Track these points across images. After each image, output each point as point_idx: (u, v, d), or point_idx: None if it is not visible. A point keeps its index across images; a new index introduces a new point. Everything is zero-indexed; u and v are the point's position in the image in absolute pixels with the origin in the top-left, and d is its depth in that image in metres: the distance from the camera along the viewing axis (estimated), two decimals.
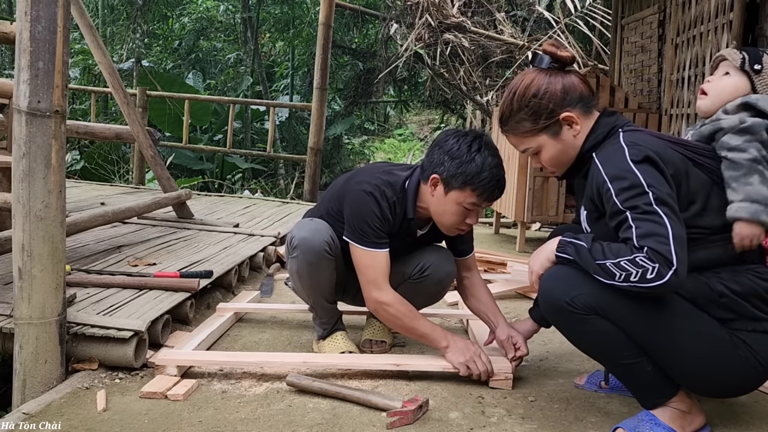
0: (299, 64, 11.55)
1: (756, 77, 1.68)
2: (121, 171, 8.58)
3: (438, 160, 1.93)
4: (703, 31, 4.25)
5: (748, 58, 1.69)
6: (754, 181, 1.51)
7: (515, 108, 1.67)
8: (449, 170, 1.90)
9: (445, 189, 1.93)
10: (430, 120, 15.53)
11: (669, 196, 1.46)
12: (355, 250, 1.99)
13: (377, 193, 1.97)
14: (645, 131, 1.63)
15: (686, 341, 1.52)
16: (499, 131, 1.84)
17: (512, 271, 3.49)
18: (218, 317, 2.51)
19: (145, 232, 3.78)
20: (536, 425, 1.72)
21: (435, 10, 6.65)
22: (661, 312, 1.51)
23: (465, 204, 1.92)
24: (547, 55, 1.66)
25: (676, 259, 1.39)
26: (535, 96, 1.64)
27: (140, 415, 1.72)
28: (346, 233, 2.01)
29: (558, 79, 1.64)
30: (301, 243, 2.04)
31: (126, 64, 10.20)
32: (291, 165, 9.96)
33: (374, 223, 1.96)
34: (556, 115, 1.64)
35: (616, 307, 1.52)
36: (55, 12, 1.78)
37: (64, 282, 1.91)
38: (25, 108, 1.77)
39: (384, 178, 2.01)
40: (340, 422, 1.70)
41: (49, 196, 1.81)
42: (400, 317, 1.98)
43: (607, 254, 1.47)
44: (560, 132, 1.66)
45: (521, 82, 1.67)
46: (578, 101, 1.65)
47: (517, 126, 1.69)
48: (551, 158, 1.70)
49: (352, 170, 2.20)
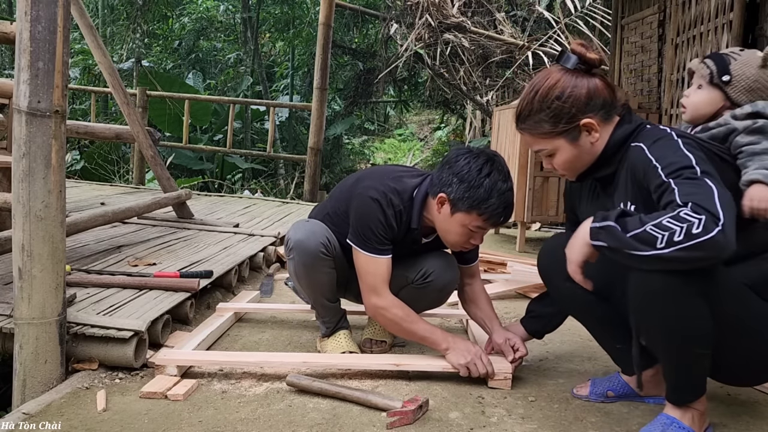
0: (299, 64, 11.55)
1: (728, 88, 1.70)
2: (121, 171, 8.59)
3: (447, 180, 1.91)
4: (703, 31, 4.25)
5: (715, 70, 1.71)
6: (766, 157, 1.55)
7: (535, 108, 1.61)
8: (457, 192, 1.88)
9: (452, 210, 1.91)
10: (430, 120, 15.54)
11: (715, 172, 1.42)
12: (357, 254, 2.00)
13: (383, 200, 1.96)
14: (664, 128, 1.60)
15: (760, 323, 1.50)
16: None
17: (512, 271, 3.49)
18: (218, 317, 2.51)
19: (145, 232, 3.78)
20: (536, 425, 1.72)
21: (435, 10, 6.65)
22: (742, 298, 1.51)
23: (470, 226, 1.92)
24: (575, 55, 1.60)
25: (723, 216, 1.29)
26: (559, 98, 1.58)
27: (140, 415, 1.72)
28: (350, 236, 2.01)
29: (584, 83, 1.58)
30: (297, 245, 2.04)
31: (126, 64, 10.21)
32: (291, 165, 9.96)
33: (378, 230, 1.95)
34: (576, 120, 1.58)
35: (713, 287, 1.46)
36: (55, 12, 1.78)
37: (64, 282, 1.91)
38: (25, 108, 1.77)
39: (392, 185, 2.00)
40: (340, 422, 1.70)
41: (49, 196, 1.81)
42: (398, 321, 1.99)
43: (645, 220, 1.35)
44: (579, 137, 1.61)
45: (545, 81, 1.61)
46: (601, 107, 1.59)
47: (535, 126, 1.64)
48: (565, 162, 1.65)
49: (362, 171, 2.19)
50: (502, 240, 4.93)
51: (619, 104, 1.64)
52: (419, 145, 14.61)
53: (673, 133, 1.54)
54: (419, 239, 2.09)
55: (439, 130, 13.94)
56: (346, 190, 2.11)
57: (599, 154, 1.63)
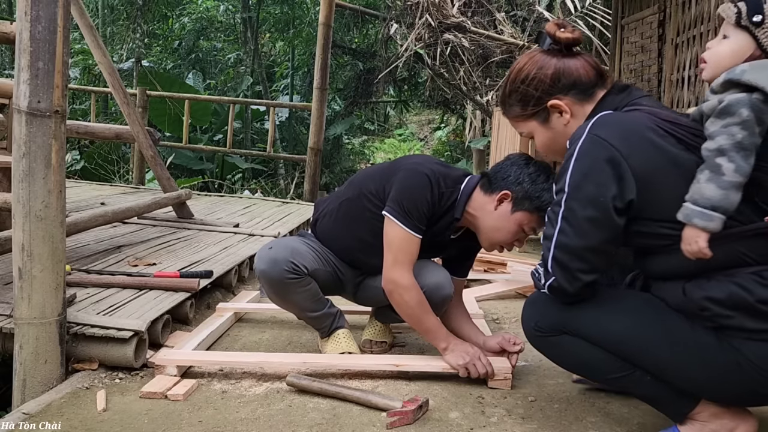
0: (299, 64, 11.55)
1: (758, 30, 1.36)
2: (121, 171, 8.58)
3: (515, 178, 1.92)
4: (703, 31, 4.25)
5: (745, 10, 1.36)
6: (702, 177, 1.31)
7: (507, 92, 1.65)
8: (527, 192, 1.90)
9: (513, 208, 1.92)
10: (430, 120, 15.54)
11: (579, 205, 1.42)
12: (392, 227, 1.94)
13: (434, 178, 1.95)
14: (641, 109, 1.47)
15: (660, 350, 1.43)
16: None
17: (512, 271, 3.49)
18: (218, 317, 2.51)
19: (145, 232, 3.78)
20: (536, 425, 1.72)
21: (435, 10, 6.65)
22: (630, 321, 1.47)
23: (526, 227, 1.93)
24: (548, 36, 1.58)
25: (552, 269, 1.45)
26: (524, 81, 1.59)
27: (140, 415, 1.72)
28: (390, 209, 1.94)
29: (551, 63, 1.56)
30: (261, 276, 2.04)
31: (126, 64, 10.21)
32: (291, 165, 9.96)
33: (422, 207, 1.93)
34: (543, 102, 1.58)
35: (580, 323, 1.50)
36: (55, 12, 1.78)
37: (64, 282, 1.91)
38: (25, 108, 1.77)
39: (441, 168, 2.00)
40: (340, 422, 1.70)
41: (49, 196, 1.81)
42: (413, 305, 1.95)
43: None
44: (549, 119, 1.60)
45: (517, 64, 1.63)
46: (571, 88, 1.55)
47: (509, 110, 1.67)
48: (543, 145, 1.66)
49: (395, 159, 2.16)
50: None
51: (606, 83, 1.58)
52: (419, 145, 14.62)
53: (618, 127, 1.41)
54: (449, 233, 2.06)
55: (439, 130, 13.94)
56: (381, 170, 2.07)
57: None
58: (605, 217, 1.39)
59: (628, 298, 1.55)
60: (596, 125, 1.44)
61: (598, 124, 1.44)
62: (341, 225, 2.13)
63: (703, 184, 1.30)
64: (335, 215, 2.14)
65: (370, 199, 2.03)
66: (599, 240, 1.42)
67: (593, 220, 1.40)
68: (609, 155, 1.38)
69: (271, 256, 2.02)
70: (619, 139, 1.39)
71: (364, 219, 2.04)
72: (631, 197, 1.37)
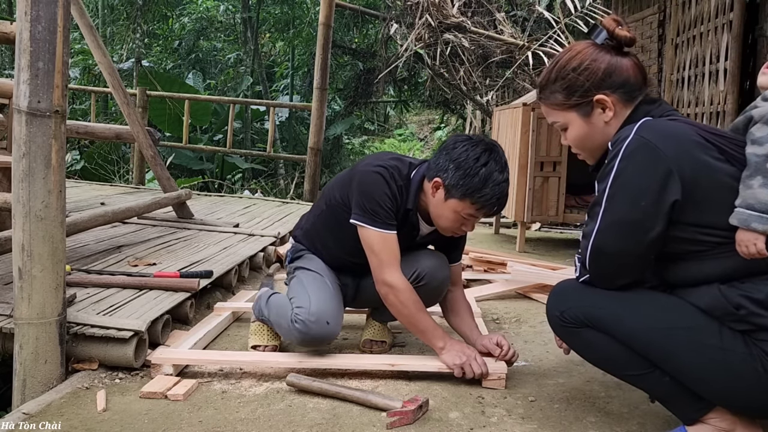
0: (299, 64, 11.56)
1: None
2: (121, 171, 8.58)
3: (443, 165, 1.91)
4: (703, 31, 4.25)
5: None
6: (755, 183, 1.34)
7: (552, 77, 1.59)
8: (452, 179, 1.89)
9: (446, 195, 1.92)
10: (430, 120, 15.54)
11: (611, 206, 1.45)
12: (365, 232, 1.96)
13: (387, 174, 1.96)
14: (680, 120, 1.49)
15: (687, 354, 1.42)
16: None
17: (512, 271, 3.49)
18: (215, 316, 2.51)
19: (145, 232, 3.78)
20: (536, 425, 1.72)
21: (435, 10, 6.65)
22: (655, 323, 1.46)
23: (462, 214, 1.92)
24: (605, 30, 1.55)
25: (579, 271, 1.50)
26: (575, 70, 1.54)
27: (140, 415, 1.72)
28: (355, 215, 1.97)
29: (605, 58, 1.53)
30: (314, 341, 2.01)
31: (126, 64, 10.21)
32: (291, 165, 9.96)
33: (385, 203, 1.94)
34: (590, 95, 1.53)
35: (606, 320, 1.50)
36: (55, 12, 1.78)
37: (64, 282, 1.91)
38: (25, 108, 1.77)
39: (392, 163, 2.01)
40: (340, 422, 1.70)
41: (49, 196, 1.81)
42: (408, 306, 1.96)
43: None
44: (591, 114, 1.55)
45: (567, 52, 1.59)
46: (620, 86, 1.52)
47: (549, 96, 1.61)
48: (576, 138, 1.61)
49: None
50: (502, 240, 4.93)
51: (647, 90, 1.57)
52: (419, 145, 14.61)
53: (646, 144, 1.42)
54: (417, 226, 2.08)
55: (439, 130, 13.94)
56: (341, 178, 2.12)
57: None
58: (647, 220, 1.40)
59: (657, 298, 1.52)
60: (643, 128, 1.44)
61: (644, 127, 1.45)
62: (324, 234, 2.18)
63: (758, 189, 1.34)
64: (317, 226, 2.20)
65: (341, 206, 2.07)
66: (638, 243, 1.42)
67: (634, 222, 1.41)
68: (656, 157, 1.39)
69: (333, 318, 2.02)
70: (667, 143, 1.40)
71: (343, 225, 2.05)
72: (676, 198, 1.38)
